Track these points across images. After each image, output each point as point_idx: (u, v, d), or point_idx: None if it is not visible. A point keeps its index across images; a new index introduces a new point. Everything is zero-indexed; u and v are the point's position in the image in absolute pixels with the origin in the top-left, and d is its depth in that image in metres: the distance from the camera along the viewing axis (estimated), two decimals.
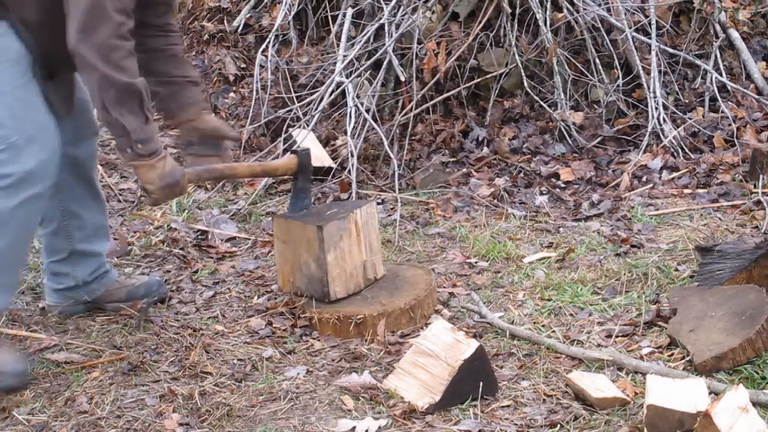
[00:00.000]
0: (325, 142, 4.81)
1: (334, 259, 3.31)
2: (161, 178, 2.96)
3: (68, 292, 3.45)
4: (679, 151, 4.65)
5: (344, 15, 5.08)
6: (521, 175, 4.63)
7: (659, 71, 4.88)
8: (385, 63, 4.76)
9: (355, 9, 5.09)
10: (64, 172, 3.13)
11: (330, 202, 3.73)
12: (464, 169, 4.69)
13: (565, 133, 4.79)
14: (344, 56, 4.83)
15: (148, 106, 2.91)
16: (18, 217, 2.92)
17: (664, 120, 4.74)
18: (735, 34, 5.20)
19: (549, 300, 3.50)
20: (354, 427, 2.79)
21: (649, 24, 4.93)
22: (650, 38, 4.90)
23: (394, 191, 4.42)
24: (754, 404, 2.63)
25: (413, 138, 4.83)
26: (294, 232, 3.37)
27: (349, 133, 4.57)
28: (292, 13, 5.41)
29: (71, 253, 3.36)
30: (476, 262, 3.82)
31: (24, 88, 2.94)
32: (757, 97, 4.96)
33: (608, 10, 4.92)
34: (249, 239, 4.08)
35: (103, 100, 2.84)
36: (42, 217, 3.25)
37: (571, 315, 3.40)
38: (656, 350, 3.12)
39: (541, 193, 4.47)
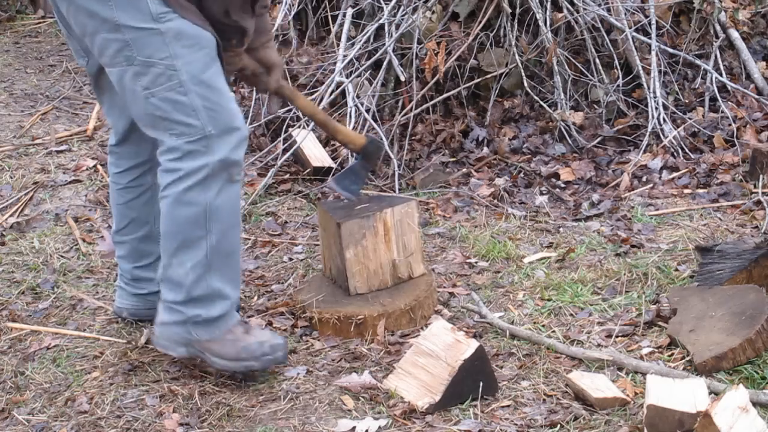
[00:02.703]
0: (325, 142, 4.80)
1: (354, 256, 3.31)
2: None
3: (149, 297, 3.32)
4: (679, 151, 4.64)
5: (344, 15, 5.08)
6: (521, 175, 4.63)
7: (659, 71, 4.87)
8: (385, 63, 4.75)
9: (355, 9, 5.09)
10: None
11: (371, 196, 3.70)
12: (464, 169, 4.68)
13: (565, 133, 4.78)
14: (344, 56, 4.82)
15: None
16: (223, 207, 2.93)
17: (664, 120, 4.74)
18: (735, 34, 5.19)
19: (549, 300, 3.50)
20: (354, 427, 2.79)
21: (649, 24, 4.92)
22: (650, 38, 4.89)
23: (394, 191, 4.43)
24: (754, 404, 2.63)
25: (413, 138, 4.83)
26: (327, 222, 3.41)
27: None
28: (292, 13, 5.40)
29: (158, 258, 3.15)
30: (476, 262, 3.82)
31: (215, 75, 2.92)
32: (757, 97, 4.95)
33: (608, 10, 4.92)
34: (249, 239, 4.07)
35: (228, 7, 2.88)
36: (129, 222, 3.27)
37: (571, 315, 3.40)
38: (656, 350, 3.12)
39: (541, 193, 4.47)
